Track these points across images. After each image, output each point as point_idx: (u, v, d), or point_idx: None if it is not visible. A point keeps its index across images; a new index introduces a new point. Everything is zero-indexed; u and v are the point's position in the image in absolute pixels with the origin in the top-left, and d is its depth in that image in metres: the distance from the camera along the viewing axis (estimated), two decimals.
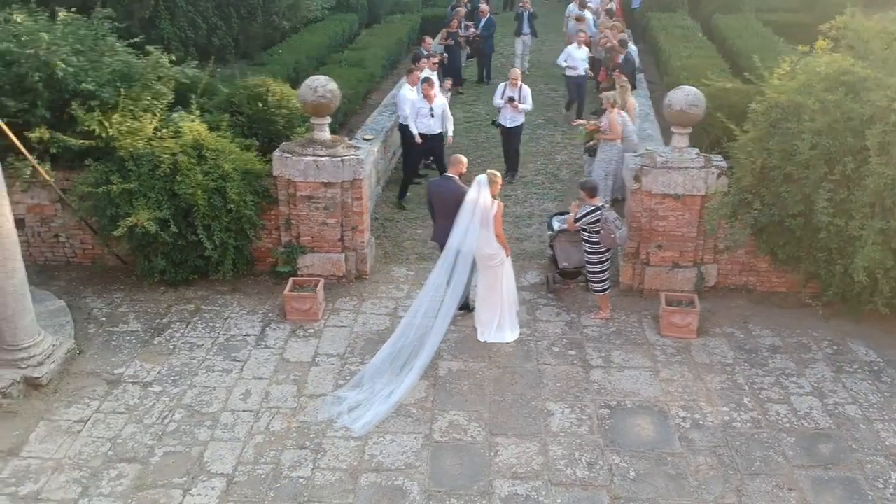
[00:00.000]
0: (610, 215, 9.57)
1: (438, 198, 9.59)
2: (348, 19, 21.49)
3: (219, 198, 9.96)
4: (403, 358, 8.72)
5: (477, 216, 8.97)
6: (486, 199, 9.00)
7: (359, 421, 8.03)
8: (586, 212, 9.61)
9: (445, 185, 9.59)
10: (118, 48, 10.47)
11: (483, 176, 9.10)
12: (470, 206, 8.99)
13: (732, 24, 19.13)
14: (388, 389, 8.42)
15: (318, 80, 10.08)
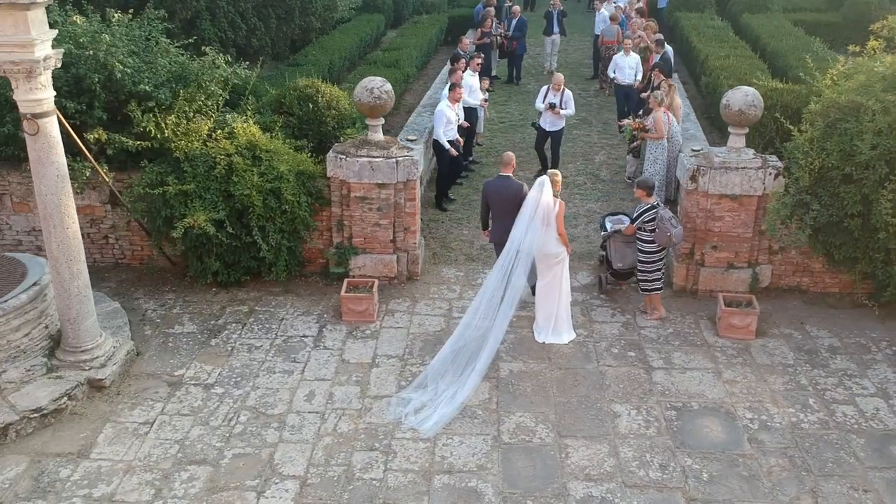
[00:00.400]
0: (665, 213, 9.53)
1: (497, 197, 9.60)
2: (375, 20, 21.49)
3: (274, 199, 9.95)
4: (464, 358, 8.71)
5: (539, 215, 9.00)
6: (547, 198, 9.04)
7: (427, 422, 8.03)
8: (642, 210, 9.58)
9: (503, 184, 9.61)
10: (171, 49, 10.45)
11: (545, 176, 9.23)
12: (531, 205, 9.05)
13: (763, 24, 19.09)
14: (451, 390, 8.42)
15: (374, 81, 10.07)
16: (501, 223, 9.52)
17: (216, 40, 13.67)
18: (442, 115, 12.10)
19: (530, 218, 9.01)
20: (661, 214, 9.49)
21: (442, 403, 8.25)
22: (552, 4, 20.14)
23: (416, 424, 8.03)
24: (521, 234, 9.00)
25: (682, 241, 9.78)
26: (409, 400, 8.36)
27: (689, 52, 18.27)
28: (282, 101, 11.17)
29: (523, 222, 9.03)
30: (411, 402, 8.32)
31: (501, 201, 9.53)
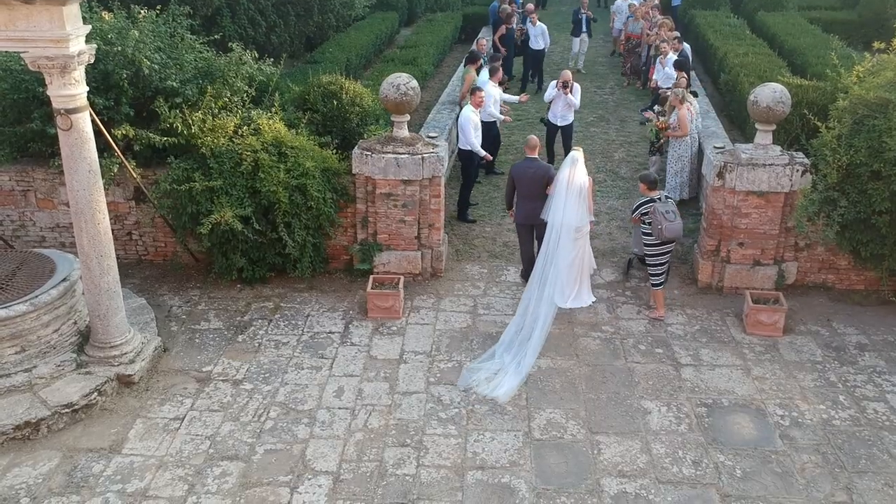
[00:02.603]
0: (662, 207, 9.50)
1: (525, 178, 10.02)
2: (390, 18, 21.49)
3: (300, 195, 9.95)
4: (526, 333, 9.10)
5: (573, 191, 9.42)
6: (580, 174, 9.50)
7: (499, 389, 8.41)
8: (639, 203, 9.79)
9: (531, 165, 10.08)
10: (196, 44, 10.46)
11: (575, 152, 9.72)
12: (564, 183, 9.50)
13: (779, 22, 19.05)
14: (516, 360, 8.80)
15: (401, 77, 10.06)
16: (526, 204, 10.05)
17: (236, 37, 13.67)
18: (468, 121, 11.82)
19: (565, 195, 9.42)
20: (655, 207, 9.52)
21: (510, 373, 8.64)
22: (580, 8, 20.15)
23: (489, 392, 8.42)
24: (559, 212, 9.46)
25: (677, 235, 9.54)
26: (478, 369, 8.74)
27: (706, 49, 18.23)
28: (306, 97, 11.16)
29: (560, 200, 9.47)
30: (481, 370, 8.72)
31: (528, 182, 9.96)
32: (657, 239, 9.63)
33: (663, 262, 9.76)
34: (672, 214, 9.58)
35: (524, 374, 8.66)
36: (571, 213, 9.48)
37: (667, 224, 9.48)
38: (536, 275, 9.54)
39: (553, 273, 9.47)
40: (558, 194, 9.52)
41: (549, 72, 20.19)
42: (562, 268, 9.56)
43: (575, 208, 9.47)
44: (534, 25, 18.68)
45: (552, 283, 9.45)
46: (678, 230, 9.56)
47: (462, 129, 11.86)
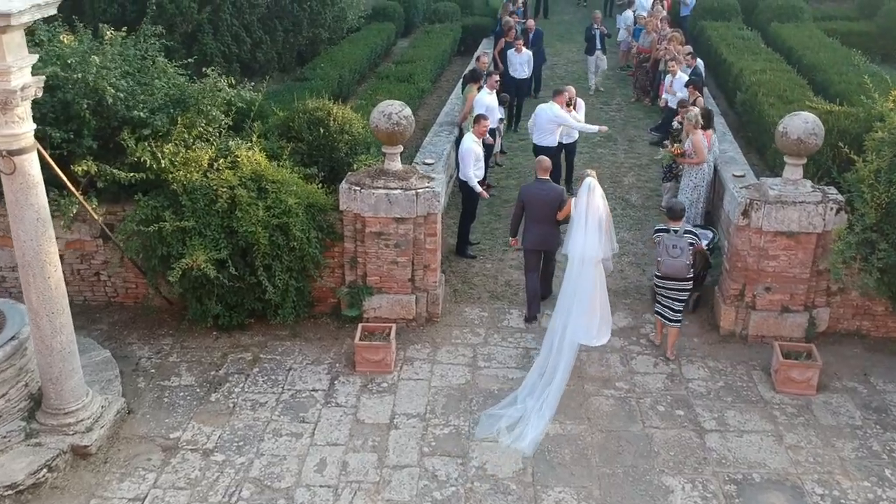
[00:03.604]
0: (670, 240, 8.85)
1: (536, 201, 9.56)
2: (386, 29, 20.54)
3: (281, 235, 9.02)
4: (549, 376, 8.43)
5: (593, 221, 8.77)
6: (598, 199, 8.86)
7: (523, 440, 7.77)
8: (656, 228, 9.23)
9: (542, 187, 9.61)
10: (169, 69, 9.53)
11: (590, 178, 9.00)
12: (582, 212, 8.84)
13: (795, 35, 18.08)
14: (537, 405, 8.16)
15: (393, 105, 9.13)
16: (536, 229, 9.60)
17: (219, 55, 12.75)
18: (470, 152, 10.85)
19: (585, 225, 8.80)
20: (662, 238, 8.90)
21: (532, 420, 8.00)
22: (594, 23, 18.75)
23: (512, 443, 7.77)
24: (580, 242, 8.79)
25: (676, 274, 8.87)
26: (499, 416, 8.09)
27: (719, 64, 17.25)
28: (290, 125, 10.23)
29: (579, 231, 8.82)
30: (502, 418, 8.06)
31: (539, 206, 9.52)
32: (657, 271, 9.04)
33: (665, 295, 9.04)
34: (678, 251, 8.82)
35: (547, 419, 8.03)
36: (593, 243, 8.82)
37: (666, 258, 8.88)
38: (560, 311, 8.79)
39: (577, 308, 8.74)
40: (577, 225, 8.88)
41: (550, 86, 19.24)
42: (585, 302, 8.80)
43: (596, 238, 8.83)
44: (518, 53, 16.64)
45: (576, 319, 8.71)
46: (678, 269, 8.85)
47: (462, 161, 10.91)
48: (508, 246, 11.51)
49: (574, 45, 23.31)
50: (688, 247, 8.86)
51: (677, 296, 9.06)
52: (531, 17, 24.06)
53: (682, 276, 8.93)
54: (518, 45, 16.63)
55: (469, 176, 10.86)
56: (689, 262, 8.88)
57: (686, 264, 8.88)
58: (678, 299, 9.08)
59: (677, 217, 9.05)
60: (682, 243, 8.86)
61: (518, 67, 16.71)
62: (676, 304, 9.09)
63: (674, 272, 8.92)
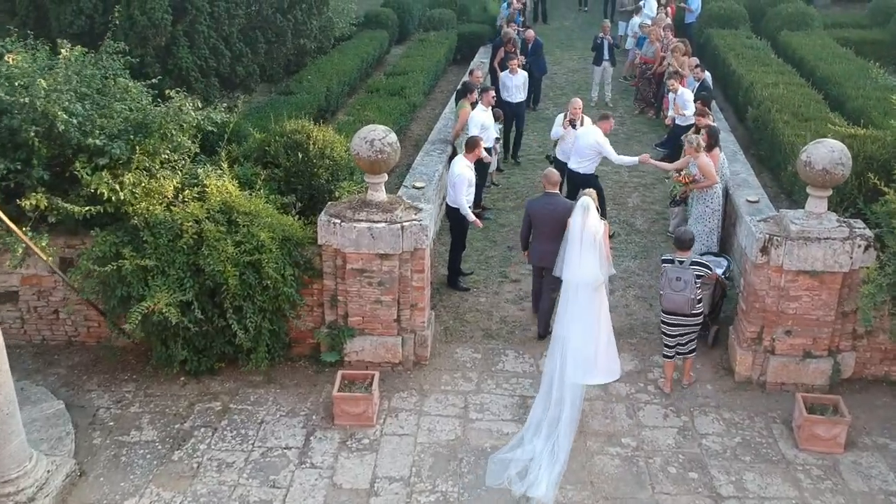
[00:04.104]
0: (674, 272, 8.15)
1: (543, 217, 9.11)
2: (378, 37, 19.71)
3: (253, 274, 8.21)
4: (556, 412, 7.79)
5: (588, 242, 8.21)
6: (593, 221, 8.30)
7: (537, 488, 7.17)
8: (663, 257, 8.53)
9: (551, 202, 9.13)
10: (132, 89, 8.71)
11: (586, 198, 8.49)
12: (577, 233, 8.29)
13: (806, 44, 17.26)
14: (548, 446, 7.56)
15: (376, 131, 8.30)
16: (543, 244, 9.10)
17: (195, 69, 11.92)
18: (463, 179, 9.99)
19: (580, 247, 8.25)
20: (666, 269, 8.23)
21: (545, 464, 7.41)
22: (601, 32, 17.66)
23: (528, 492, 7.16)
24: (575, 266, 8.21)
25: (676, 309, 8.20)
26: (507, 461, 7.48)
27: (727, 75, 16.40)
28: (266, 149, 9.42)
29: (573, 254, 8.25)
30: (511, 463, 7.46)
31: (547, 220, 9.05)
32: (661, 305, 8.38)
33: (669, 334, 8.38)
34: (681, 284, 8.11)
35: (562, 461, 7.43)
36: (589, 266, 8.20)
37: (667, 292, 8.20)
38: (557, 343, 8.10)
39: (574, 339, 8.01)
40: (571, 247, 8.32)
41: (551, 97, 18.48)
42: (583, 332, 8.06)
43: (592, 261, 8.22)
44: (513, 74, 14.53)
45: (574, 352, 7.98)
46: (678, 305, 8.17)
47: (454, 187, 10.05)
48: (504, 277, 10.73)
49: (575, 53, 22.51)
50: (693, 280, 8.11)
51: (684, 332, 8.34)
52: (530, 25, 23.29)
53: (684, 312, 8.20)
54: (513, 65, 14.54)
55: (461, 203, 10.03)
56: (693, 296, 8.13)
57: (689, 299, 8.13)
58: (685, 335, 8.35)
59: (685, 247, 8.29)
60: (687, 276, 8.11)
61: (513, 91, 14.54)
62: (684, 340, 8.38)
63: (674, 307, 8.21)
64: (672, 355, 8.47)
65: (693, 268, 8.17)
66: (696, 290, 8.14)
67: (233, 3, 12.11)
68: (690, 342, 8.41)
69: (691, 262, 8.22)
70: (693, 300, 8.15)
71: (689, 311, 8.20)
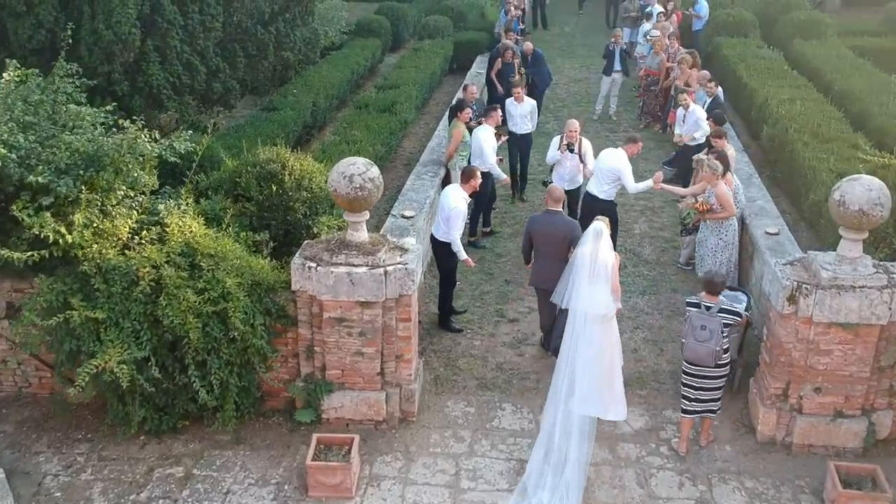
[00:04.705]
0: (699, 319, 7.33)
1: (544, 236, 8.62)
2: (371, 46, 18.82)
3: (218, 325, 7.34)
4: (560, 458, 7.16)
5: (599, 274, 7.56)
6: (605, 251, 7.69)
7: None
8: (689, 300, 7.63)
9: (552, 220, 8.64)
10: (86, 116, 7.82)
11: (599, 224, 7.88)
12: (587, 261, 7.65)
13: (821, 54, 16.38)
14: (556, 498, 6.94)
15: (356, 164, 7.40)
16: (544, 265, 8.62)
17: (167, 86, 11.03)
18: (458, 214, 9.07)
19: (589, 277, 7.60)
20: (691, 315, 7.42)
21: None
22: (613, 40, 16.62)
23: None
24: (584, 299, 7.54)
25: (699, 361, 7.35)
26: None
27: (739, 88, 15.45)
28: (237, 180, 8.54)
29: (582, 284, 7.59)
30: None
31: (548, 240, 8.58)
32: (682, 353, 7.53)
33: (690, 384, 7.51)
34: (706, 333, 7.28)
35: None
36: (600, 298, 7.56)
37: (690, 341, 7.37)
38: (560, 377, 7.51)
39: (582, 375, 7.40)
40: (579, 276, 7.67)
41: (552, 109, 17.57)
42: (589, 367, 7.44)
43: (603, 293, 7.61)
44: (519, 102, 12.81)
45: (579, 386, 7.39)
46: (702, 356, 7.32)
47: (447, 221, 9.12)
48: (501, 316, 9.85)
49: (577, 61, 21.65)
50: (720, 330, 7.25)
51: (706, 384, 7.47)
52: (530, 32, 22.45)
53: (708, 364, 7.34)
54: (518, 93, 12.84)
55: (454, 239, 9.14)
56: (718, 348, 7.26)
57: (714, 351, 7.28)
58: (707, 388, 7.48)
59: (715, 291, 7.47)
60: (714, 324, 7.26)
61: (519, 121, 12.87)
62: (704, 395, 7.51)
63: (696, 358, 7.37)
64: (691, 411, 7.60)
65: (721, 315, 7.30)
66: (722, 340, 7.27)
67: (208, 14, 11.22)
68: (713, 400, 7.52)
69: (719, 309, 7.35)
70: (718, 352, 7.29)
71: (714, 363, 7.34)
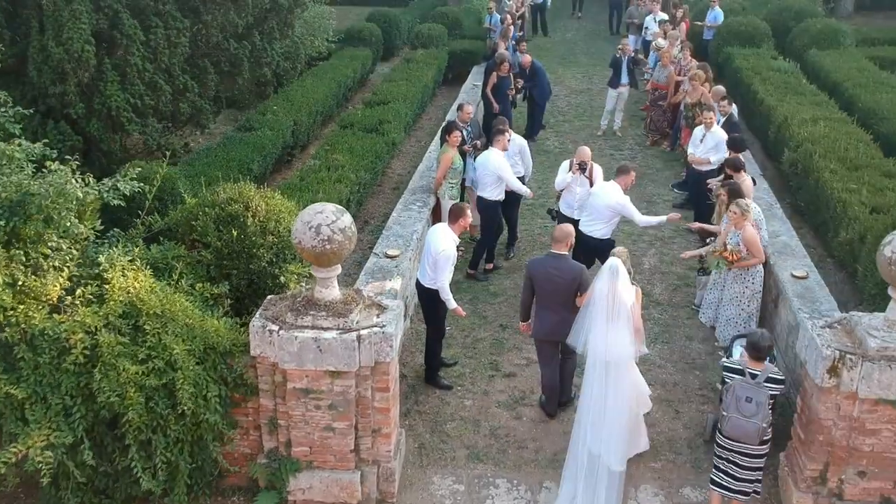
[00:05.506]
0: (744, 390, 6.28)
1: (547, 282, 7.62)
2: (360, 56, 17.78)
3: (164, 398, 6.30)
4: None
5: (619, 313, 6.89)
6: (624, 288, 6.95)
7: None
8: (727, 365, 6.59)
9: (556, 264, 7.65)
10: (16, 155, 6.78)
11: (615, 260, 7.11)
12: (603, 302, 6.94)
13: (841, 66, 15.33)
14: None
15: (324, 213, 6.33)
16: (549, 316, 7.68)
17: (127, 108, 10.00)
18: (447, 259, 8.02)
19: (606, 318, 6.93)
20: (734, 387, 6.35)
21: None
22: (620, 49, 15.49)
23: None
24: (602, 343, 6.90)
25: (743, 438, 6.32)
26: None
27: (754, 104, 14.34)
28: (192, 223, 7.49)
29: (600, 326, 6.93)
30: None
31: (551, 287, 7.61)
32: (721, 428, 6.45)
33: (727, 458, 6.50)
34: (752, 407, 6.25)
35: None
36: (621, 341, 6.93)
37: (734, 416, 6.29)
38: (580, 433, 6.98)
39: (608, 427, 6.86)
40: (596, 317, 7.01)
41: (552, 123, 16.52)
42: (617, 418, 6.91)
43: (624, 335, 6.96)
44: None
45: (607, 440, 6.84)
46: (748, 434, 6.28)
47: (434, 266, 8.08)
48: (496, 369, 8.81)
49: (578, 70, 20.64)
50: (768, 402, 6.24)
51: (746, 462, 6.44)
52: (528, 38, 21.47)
53: (752, 442, 6.33)
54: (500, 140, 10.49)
55: (442, 286, 8.10)
56: (766, 424, 6.24)
57: (761, 427, 6.25)
58: (748, 467, 6.45)
59: (761, 357, 6.39)
60: (761, 396, 6.25)
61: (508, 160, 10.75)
62: (744, 474, 6.47)
63: (742, 435, 6.32)
64: (723, 487, 6.56)
65: (767, 386, 6.26)
66: (769, 414, 6.26)
67: (174, 29, 10.17)
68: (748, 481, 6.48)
69: (766, 378, 6.29)
70: (765, 428, 6.26)
71: (759, 441, 6.32)
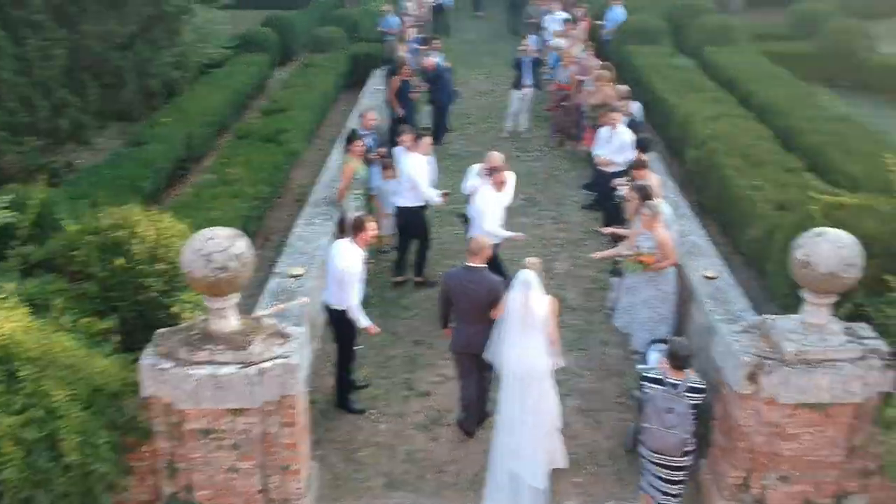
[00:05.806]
0: (665, 401, 6.13)
1: (463, 296, 7.36)
2: (257, 61, 17.16)
3: (45, 451, 5.68)
4: None
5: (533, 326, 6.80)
6: (537, 299, 6.86)
7: None
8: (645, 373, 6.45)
9: (472, 277, 7.37)
10: None
11: (527, 272, 6.94)
12: (517, 314, 6.86)
13: (737, 63, 15.62)
14: None
15: (215, 238, 5.85)
16: (465, 328, 7.44)
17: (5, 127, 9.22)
18: (352, 275, 7.60)
19: (521, 331, 6.84)
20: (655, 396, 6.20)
21: None
22: (521, 50, 15.35)
23: None
24: (515, 357, 6.82)
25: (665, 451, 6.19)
26: None
27: (654, 103, 14.28)
28: (72, 253, 6.87)
29: (513, 339, 6.85)
30: None
31: (467, 301, 7.35)
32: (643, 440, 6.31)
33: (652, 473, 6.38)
34: (674, 418, 6.11)
35: None
36: (536, 353, 6.83)
37: (656, 429, 6.15)
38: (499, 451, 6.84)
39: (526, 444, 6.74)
40: (510, 331, 6.91)
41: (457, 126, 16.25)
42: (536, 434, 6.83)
43: (539, 347, 6.86)
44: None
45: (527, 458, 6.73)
46: (671, 446, 6.14)
47: (339, 284, 7.66)
48: (410, 388, 8.47)
49: (481, 71, 20.44)
50: (690, 412, 6.11)
51: (668, 476, 6.31)
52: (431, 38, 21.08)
53: (675, 454, 6.18)
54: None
55: (350, 304, 7.69)
56: (688, 435, 6.10)
57: (683, 439, 6.11)
58: (672, 480, 6.31)
59: (682, 366, 6.24)
60: (682, 407, 6.12)
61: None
62: (668, 487, 6.35)
63: (663, 447, 6.18)
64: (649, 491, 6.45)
65: (689, 395, 6.11)
66: (692, 423, 6.12)
67: (49, 40, 9.43)
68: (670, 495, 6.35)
69: (687, 387, 6.14)
70: (686, 439, 6.12)
71: (681, 453, 6.16)
